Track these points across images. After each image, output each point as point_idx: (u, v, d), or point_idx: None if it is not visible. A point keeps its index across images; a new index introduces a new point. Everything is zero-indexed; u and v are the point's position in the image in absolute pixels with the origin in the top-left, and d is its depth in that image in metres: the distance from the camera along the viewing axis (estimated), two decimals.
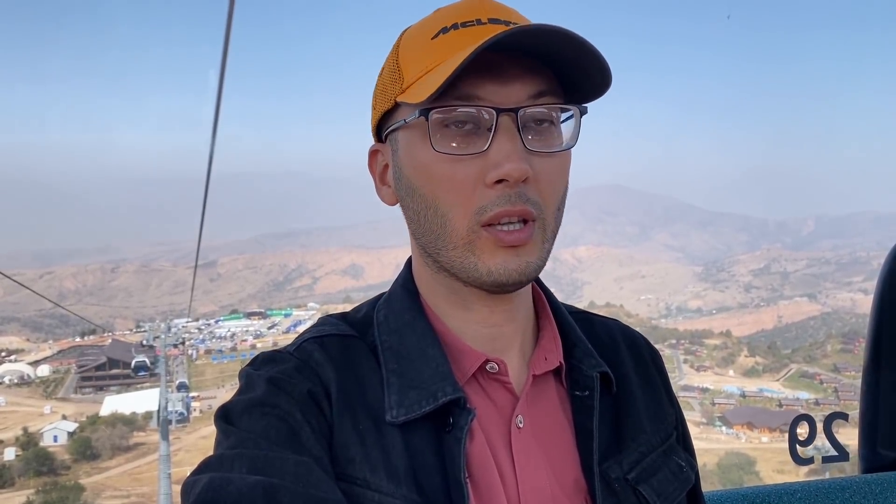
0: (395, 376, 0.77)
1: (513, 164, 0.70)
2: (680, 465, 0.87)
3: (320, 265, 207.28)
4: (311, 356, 0.77)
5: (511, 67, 0.72)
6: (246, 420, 0.70)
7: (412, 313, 0.82)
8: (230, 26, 4.02)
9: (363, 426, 0.74)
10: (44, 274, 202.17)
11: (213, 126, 6.40)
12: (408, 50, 0.78)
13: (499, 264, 0.73)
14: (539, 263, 0.75)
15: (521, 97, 0.72)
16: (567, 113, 0.76)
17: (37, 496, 39.62)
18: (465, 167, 0.72)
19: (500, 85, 0.72)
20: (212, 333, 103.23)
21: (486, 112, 0.71)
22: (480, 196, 0.72)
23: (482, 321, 0.80)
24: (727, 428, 62.51)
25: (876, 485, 1.57)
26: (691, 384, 77.16)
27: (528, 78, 0.73)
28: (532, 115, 0.73)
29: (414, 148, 0.76)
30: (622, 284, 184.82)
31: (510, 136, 0.71)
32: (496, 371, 0.79)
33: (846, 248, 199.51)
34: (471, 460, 0.74)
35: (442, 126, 0.73)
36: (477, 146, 0.72)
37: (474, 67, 0.70)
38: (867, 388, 1.71)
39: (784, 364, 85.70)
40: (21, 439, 54.86)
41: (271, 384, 0.73)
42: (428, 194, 0.75)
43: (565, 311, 0.90)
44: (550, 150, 0.74)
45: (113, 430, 56.02)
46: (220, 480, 0.63)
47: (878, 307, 1.69)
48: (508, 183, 0.71)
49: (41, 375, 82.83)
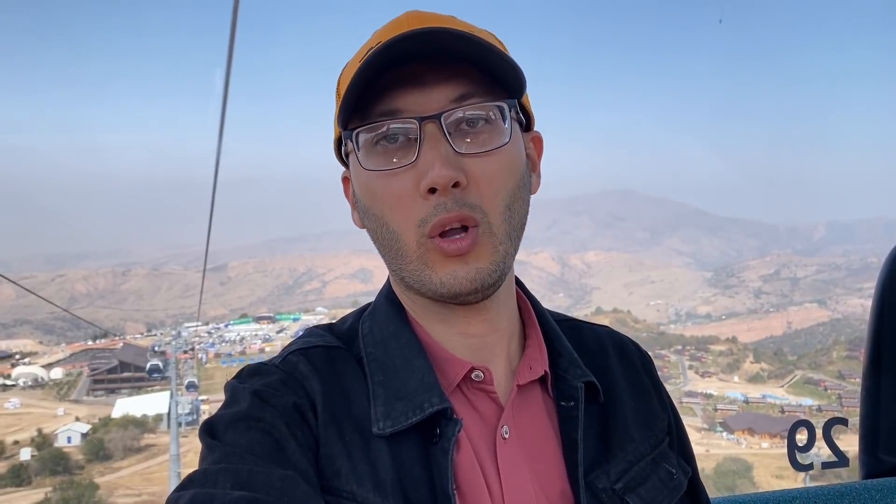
0: (382, 388, 0.76)
1: (437, 171, 0.70)
2: (670, 473, 0.86)
3: (329, 269, 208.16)
4: (296, 368, 0.77)
5: (431, 76, 0.72)
6: (231, 434, 0.69)
7: (396, 324, 0.81)
8: (235, 28, 4.00)
9: (349, 438, 0.73)
10: (55, 277, 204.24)
11: (220, 129, 6.35)
12: (344, 75, 0.80)
13: (449, 274, 0.73)
14: (492, 269, 0.73)
15: (442, 103, 0.72)
16: (505, 110, 0.75)
17: (54, 493, 40.76)
18: (399, 181, 0.73)
19: (421, 94, 0.72)
20: (221, 337, 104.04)
21: (410, 123, 0.71)
22: (420, 208, 0.72)
23: (462, 333, 0.80)
24: (728, 433, 62.73)
25: (876, 490, 1.56)
26: (695, 390, 77.30)
27: (449, 83, 0.72)
28: (463, 118, 0.73)
29: (357, 170, 0.77)
30: (632, 290, 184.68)
31: (436, 143, 0.71)
32: (481, 379, 0.79)
33: (857, 253, 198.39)
34: (458, 471, 0.73)
35: (373, 144, 0.74)
36: (409, 158, 0.72)
37: (395, 82, 0.71)
38: (867, 393, 1.70)
39: (789, 370, 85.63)
40: (36, 440, 56.03)
41: (256, 397, 0.72)
42: (377, 212, 0.75)
43: (551, 319, 0.89)
44: (484, 149, 0.73)
45: (125, 432, 57.11)
46: (203, 497, 0.62)
47: (878, 311, 1.68)
48: (441, 191, 0.70)
49: (54, 378, 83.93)
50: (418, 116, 0.71)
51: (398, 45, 0.69)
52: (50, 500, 39.88)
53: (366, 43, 0.79)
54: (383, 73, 0.71)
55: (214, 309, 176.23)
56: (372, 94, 0.72)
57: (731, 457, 49.70)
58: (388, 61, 0.70)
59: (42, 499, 40.55)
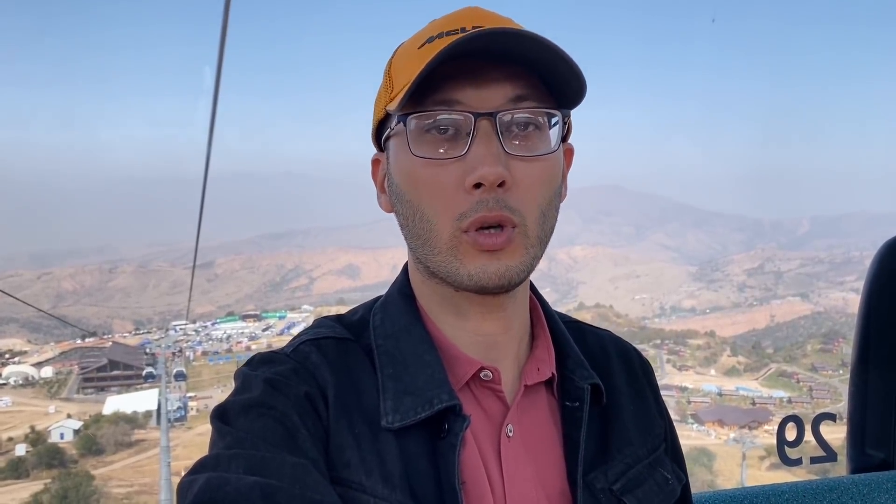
0: (391, 381, 0.77)
1: (488, 168, 0.70)
2: (666, 478, 0.88)
3: (317, 265, 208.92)
4: (307, 358, 0.78)
5: (491, 72, 0.73)
6: (243, 420, 0.70)
7: (409, 318, 0.82)
8: (226, 24, 3.97)
9: (359, 430, 0.74)
10: (42, 275, 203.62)
11: (210, 125, 6.30)
12: (398, 60, 0.80)
13: (479, 268, 0.73)
14: (521, 268, 0.75)
15: (499, 101, 0.73)
16: (554, 118, 0.76)
17: (52, 484, 42.22)
18: (445, 171, 0.73)
19: (480, 89, 0.72)
20: (208, 335, 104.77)
21: (464, 116, 0.72)
22: (461, 201, 0.73)
23: (476, 329, 0.81)
24: (698, 425, 64.13)
25: (864, 485, 1.56)
26: (671, 383, 78.64)
27: (508, 83, 0.73)
28: (514, 120, 0.74)
29: (399, 154, 0.77)
30: (617, 284, 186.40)
31: (487, 140, 0.71)
32: (490, 379, 0.80)
33: (840, 247, 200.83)
34: (463, 467, 0.74)
35: (423, 132, 0.74)
36: (457, 150, 0.73)
37: (455, 73, 0.72)
38: (855, 389, 1.71)
39: (765, 364, 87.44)
40: (30, 437, 56.91)
41: (268, 385, 0.73)
42: (413, 200, 0.76)
43: (559, 320, 0.91)
44: (531, 154, 0.74)
45: (116, 428, 58.25)
46: (217, 480, 0.63)
47: (866, 308, 1.69)
48: (486, 188, 0.71)
49: (45, 377, 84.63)
50: (474, 111, 0.72)
51: (469, 43, 0.69)
52: (49, 489, 41.35)
53: (423, 29, 0.80)
54: (443, 63, 0.71)
55: (202, 306, 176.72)
56: (429, 81, 0.72)
57: (697, 447, 51.59)
58: (454, 54, 0.70)
59: (42, 489, 42.08)
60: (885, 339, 1.69)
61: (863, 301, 1.70)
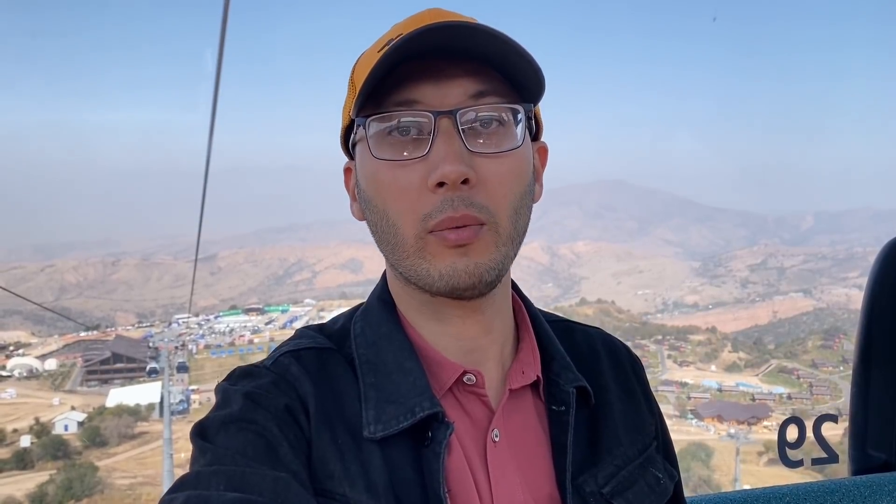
0: (373, 390, 0.76)
1: (449, 166, 0.69)
2: (657, 477, 0.87)
3: (320, 259, 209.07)
4: (287, 370, 0.77)
5: (450, 70, 0.71)
6: (223, 436, 0.69)
7: (389, 325, 0.81)
8: (227, 14, 3.92)
9: (341, 440, 0.73)
10: (45, 267, 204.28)
11: (211, 118, 6.23)
12: (360, 65, 0.79)
13: (448, 266, 0.72)
14: (491, 266, 0.73)
15: (460, 99, 0.72)
16: (519, 114, 0.75)
17: (58, 475, 42.93)
18: (407, 173, 0.72)
19: (439, 87, 0.71)
20: (211, 329, 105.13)
21: (425, 116, 0.71)
22: (426, 202, 0.71)
23: (457, 334, 0.80)
24: (698, 420, 64.41)
25: (865, 487, 1.54)
26: (672, 379, 78.84)
27: (468, 79, 0.72)
28: (478, 118, 0.73)
29: (364, 159, 0.76)
30: (620, 279, 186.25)
31: (449, 139, 0.70)
32: (473, 383, 0.79)
33: (843, 243, 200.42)
34: (449, 475, 0.73)
35: (385, 134, 0.73)
36: (420, 151, 0.72)
37: (414, 73, 0.71)
38: (857, 389, 1.69)
39: (765, 360, 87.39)
40: (35, 428, 57.60)
41: (248, 399, 0.72)
42: (379, 204, 0.75)
43: (545, 321, 0.89)
44: (496, 150, 0.73)
45: (119, 420, 58.84)
46: (197, 499, 0.62)
47: (868, 308, 1.68)
48: (449, 186, 0.70)
49: (49, 369, 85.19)
50: (434, 110, 0.71)
51: (422, 38, 0.68)
52: (54, 480, 42.01)
53: (384, 35, 0.78)
54: (401, 64, 0.70)
55: (205, 299, 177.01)
56: (388, 83, 0.71)
57: (695, 442, 51.91)
58: (410, 53, 0.69)
59: (47, 479, 42.71)
60: (887, 340, 1.67)
61: (865, 301, 1.69)
